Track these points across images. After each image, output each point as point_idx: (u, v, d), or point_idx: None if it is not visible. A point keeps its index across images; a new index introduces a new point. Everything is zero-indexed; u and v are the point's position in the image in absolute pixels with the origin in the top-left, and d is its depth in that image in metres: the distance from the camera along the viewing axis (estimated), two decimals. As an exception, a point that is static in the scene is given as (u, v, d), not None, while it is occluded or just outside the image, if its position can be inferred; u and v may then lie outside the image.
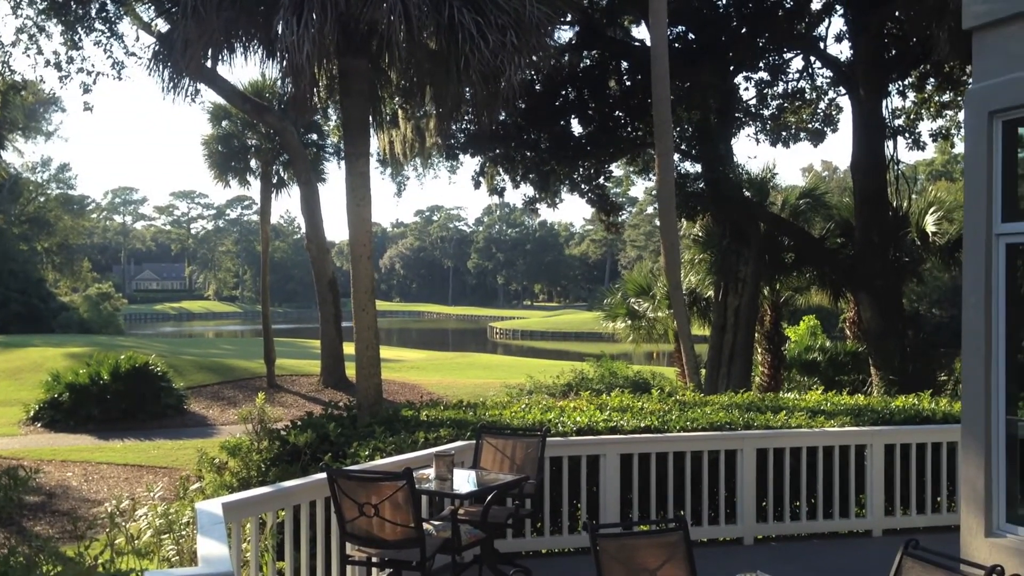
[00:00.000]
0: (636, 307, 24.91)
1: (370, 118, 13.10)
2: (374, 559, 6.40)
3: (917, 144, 23.50)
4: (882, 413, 10.31)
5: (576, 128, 22.02)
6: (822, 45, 22.32)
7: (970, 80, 7.01)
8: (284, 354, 33.09)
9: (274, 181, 28.42)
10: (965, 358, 7.04)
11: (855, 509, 9.42)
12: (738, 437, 9.11)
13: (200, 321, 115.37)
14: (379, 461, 7.64)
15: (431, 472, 6.92)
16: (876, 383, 19.61)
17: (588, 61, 22.08)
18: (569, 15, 19.07)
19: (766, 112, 23.81)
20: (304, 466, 8.37)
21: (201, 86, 19.84)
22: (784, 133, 24.67)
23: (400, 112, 17.74)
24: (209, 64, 13.09)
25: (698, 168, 21.28)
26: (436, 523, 6.86)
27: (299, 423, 9.52)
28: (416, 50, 11.18)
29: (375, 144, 19.78)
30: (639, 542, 5.30)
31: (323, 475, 6.36)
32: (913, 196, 22.68)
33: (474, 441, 8.09)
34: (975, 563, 4.47)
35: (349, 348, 13.23)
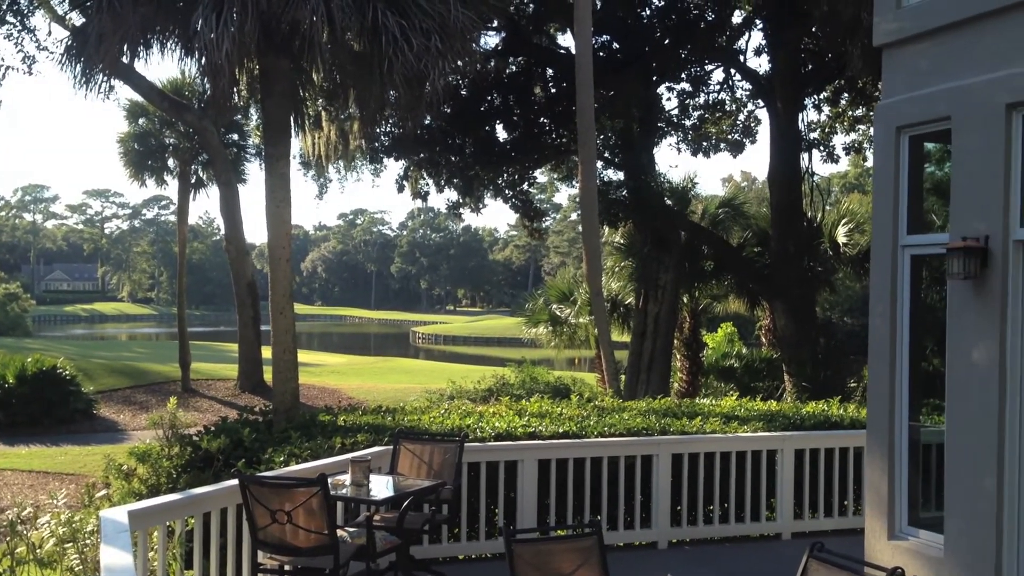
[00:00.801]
0: (558, 313, 25.05)
1: (292, 119, 12.91)
2: (286, 567, 6.30)
3: (831, 157, 24.18)
4: (793, 419, 10.55)
5: (501, 134, 22.10)
6: (742, 58, 22.76)
7: (881, 95, 7.23)
8: (201, 358, 32.41)
9: (192, 181, 27.86)
10: (871, 365, 7.26)
11: (766, 513, 9.61)
12: (654, 443, 9.22)
13: (113, 323, 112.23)
14: (294, 467, 7.53)
15: (347, 478, 6.84)
16: (789, 389, 20.08)
17: (514, 67, 22.17)
18: (495, 21, 19.11)
19: (688, 122, 24.21)
20: (217, 473, 8.20)
21: (117, 83, 19.36)
22: (705, 143, 25.12)
23: (324, 114, 17.50)
24: (126, 60, 12.76)
25: (621, 176, 21.53)
26: (351, 530, 6.79)
27: (212, 428, 9.33)
28: (340, 51, 11.07)
29: (297, 145, 19.50)
30: (554, 547, 5.33)
31: (235, 482, 6.25)
32: (827, 208, 23.33)
33: (391, 447, 8.03)
34: (878, 565, 4.60)
35: (268, 352, 13.03)
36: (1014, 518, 6.09)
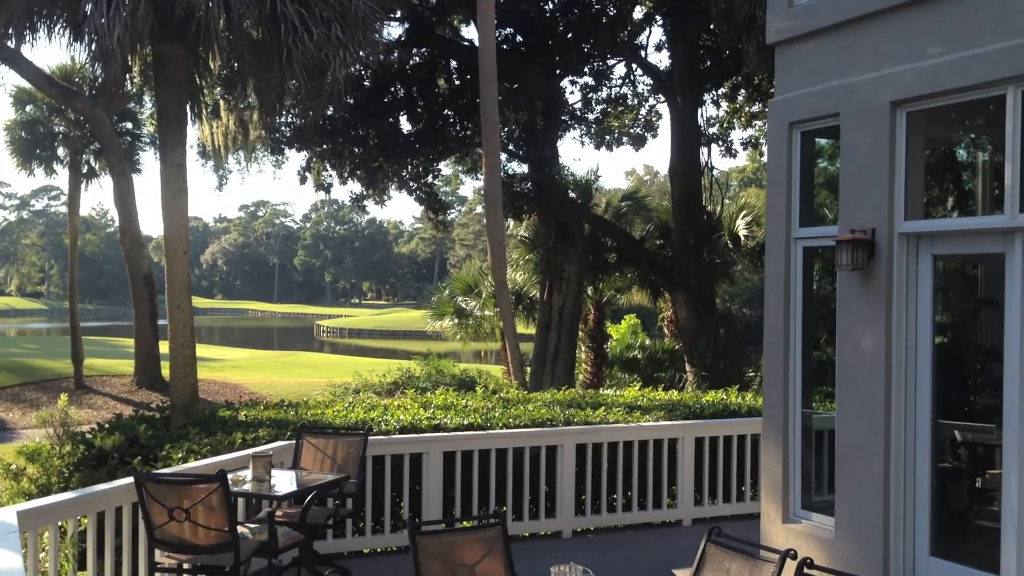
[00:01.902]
0: (463, 305, 25.07)
1: (188, 107, 12.60)
2: (185, 565, 6.16)
3: (730, 152, 24.77)
4: (693, 408, 10.78)
5: (405, 125, 21.95)
6: (643, 53, 23.10)
7: (774, 92, 7.44)
8: (95, 353, 31.39)
9: (84, 171, 26.94)
10: (766, 354, 7.47)
11: (667, 500, 9.81)
12: (559, 433, 9.31)
13: (0, 319, 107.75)
14: (193, 463, 7.36)
15: (248, 474, 6.73)
16: (691, 379, 20.51)
17: (418, 59, 22.04)
18: (398, 11, 18.97)
19: (591, 116, 24.48)
20: (111, 471, 7.95)
21: (3, 68, 18.56)
22: (608, 137, 25.45)
23: (222, 103, 17.12)
24: (12, 44, 12.25)
25: (525, 168, 21.65)
26: (252, 526, 6.67)
27: (107, 425, 9.04)
28: (238, 39, 10.83)
29: (195, 135, 19.04)
30: (457, 538, 5.34)
31: (130, 479, 6.07)
32: (726, 201, 23.89)
33: (294, 441, 7.93)
34: (772, 548, 4.74)
35: (166, 347, 12.69)
36: (900, 499, 6.36)
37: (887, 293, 6.33)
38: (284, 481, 6.86)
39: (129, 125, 27.53)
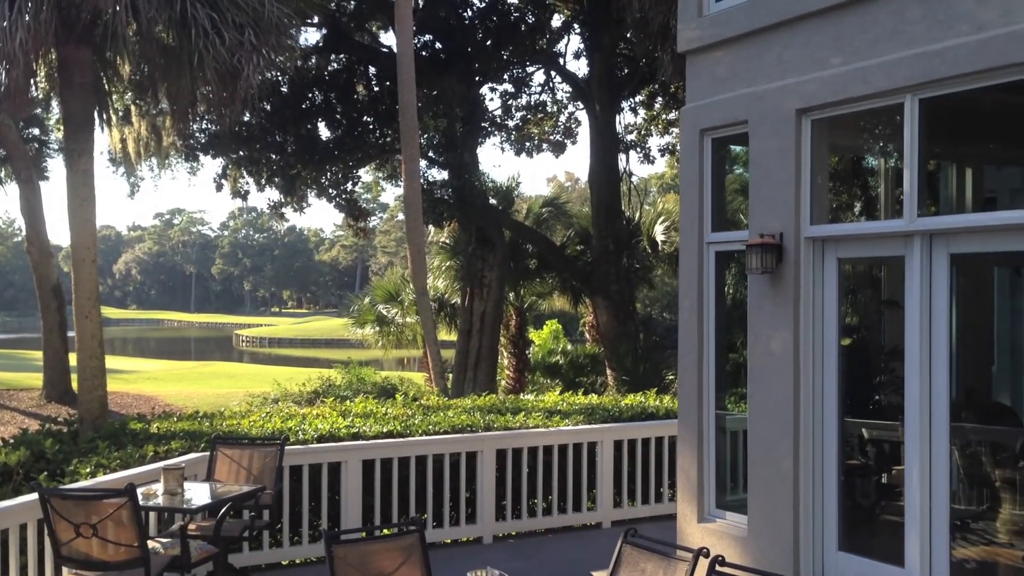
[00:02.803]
0: (385, 313, 24.94)
1: (96, 113, 12.28)
2: (94, 583, 5.99)
3: (648, 158, 25.15)
4: (612, 411, 10.90)
5: (324, 132, 21.77)
6: (562, 61, 23.37)
7: (686, 99, 7.59)
8: (1, 367, 30.30)
9: (-11, 179, 26.01)
10: (680, 356, 7.61)
11: (587, 504, 9.89)
12: (478, 439, 9.32)
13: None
14: (102, 478, 7.17)
15: (159, 487, 6.58)
16: (611, 383, 20.74)
17: (336, 65, 21.87)
18: (315, 17, 18.80)
19: (510, 123, 24.59)
20: (16, 487, 7.68)
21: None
22: (528, 144, 25.61)
23: (134, 108, 16.74)
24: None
25: (445, 175, 21.65)
26: (164, 540, 6.53)
27: (11, 440, 8.74)
28: (148, 43, 10.59)
29: (106, 142, 18.55)
30: (375, 547, 5.32)
31: (34, 495, 5.88)
32: (646, 207, 24.26)
33: (208, 453, 7.78)
34: (686, 547, 4.83)
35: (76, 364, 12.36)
36: (809, 497, 6.53)
37: (795, 295, 6.50)
38: (197, 494, 6.72)
39: (36, 131, 26.69)
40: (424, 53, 20.61)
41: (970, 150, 7.93)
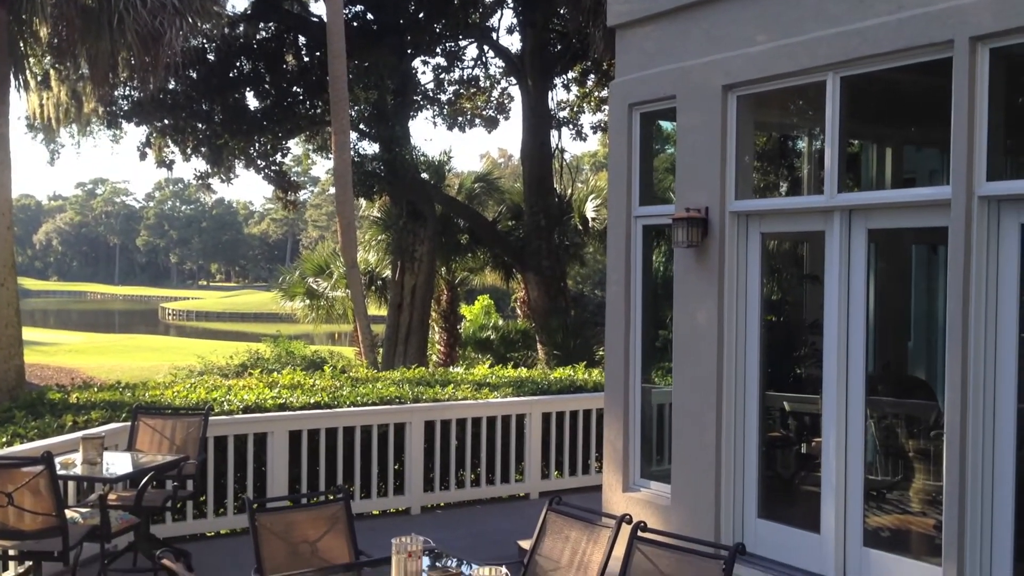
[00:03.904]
0: (315, 286, 24.70)
1: (12, 75, 11.84)
2: (11, 552, 5.87)
3: (580, 135, 25.32)
4: (541, 384, 11.00)
5: (252, 102, 21.33)
6: (495, 35, 23.25)
7: (615, 74, 7.63)
8: (-87, 339, 29.24)
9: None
10: (608, 329, 7.70)
11: (515, 476, 9.99)
12: (407, 410, 9.33)
13: None
14: (18, 447, 7.00)
15: (78, 457, 6.45)
16: (541, 358, 20.89)
17: (265, 33, 21.44)
18: (244, -17, 18.40)
19: (443, 97, 24.44)
20: (-72, 459, 7.46)
21: None
22: (460, 118, 25.48)
23: (53, 72, 16.18)
24: None
25: (376, 148, 21.45)
26: (83, 510, 6.41)
27: (-78, 411, 8.49)
28: (66, 4, 10.26)
29: (24, 107, 17.96)
30: (300, 516, 5.30)
31: (-54, 464, 5.73)
32: (578, 185, 24.37)
33: (129, 423, 7.65)
34: (610, 514, 4.91)
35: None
36: (730, 467, 6.68)
37: (719, 269, 6.62)
38: (118, 463, 6.62)
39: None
40: (355, 24, 20.33)
41: (891, 131, 8.13)
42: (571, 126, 25.05)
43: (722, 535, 6.61)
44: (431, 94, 24.14)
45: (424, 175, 21.57)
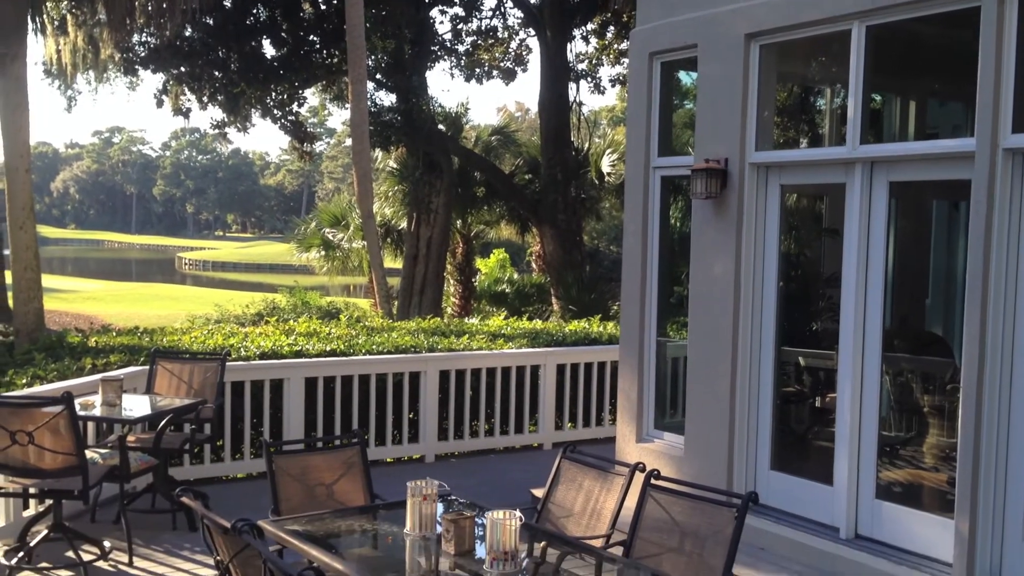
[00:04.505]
0: (331, 237, 24.72)
1: (31, 19, 11.81)
2: (32, 490, 5.96)
3: (598, 88, 24.99)
4: (556, 336, 11.01)
5: (269, 50, 21.18)
6: (514, -15, 22.95)
7: (637, 22, 7.53)
8: (-67, 284, 29.49)
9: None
10: (624, 280, 7.68)
11: (529, 427, 10.04)
12: (422, 360, 9.37)
13: None
14: (38, 388, 7.08)
15: (97, 399, 6.52)
16: (556, 311, 20.91)
17: (282, -21, 21.23)
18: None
19: (460, 47, 24.20)
20: (-51, 398, 7.56)
21: None
22: (478, 70, 25.23)
23: (69, 17, 16.12)
24: None
25: (393, 99, 21.32)
26: (103, 451, 6.49)
27: (-57, 352, 8.59)
28: (84, -54, 10.19)
29: (42, 52, 17.88)
30: (316, 459, 5.34)
31: (-32, 403, 5.79)
32: (596, 140, 24.19)
33: (148, 367, 7.71)
34: (623, 462, 4.94)
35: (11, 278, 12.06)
36: (744, 419, 6.70)
37: (738, 221, 6.58)
38: (137, 406, 6.69)
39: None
40: (373, -29, 20.09)
41: (914, 84, 8.01)
42: (589, 79, 24.77)
43: (735, 486, 6.65)
44: (448, 44, 23.89)
45: (441, 127, 21.44)
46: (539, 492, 6.47)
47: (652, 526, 4.50)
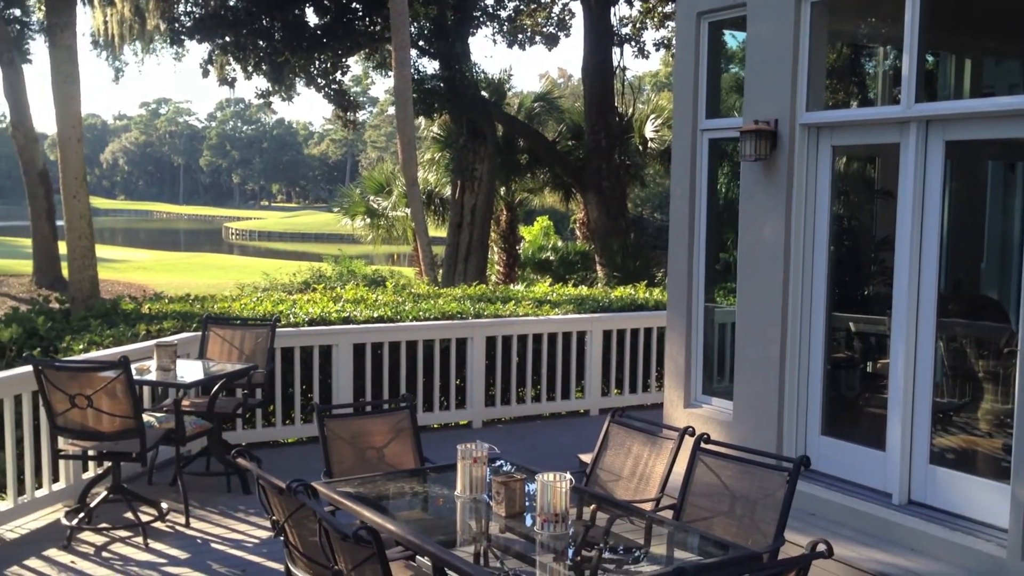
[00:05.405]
0: (375, 205, 24.82)
1: (79, -10, 11.93)
2: (90, 452, 6.11)
3: (642, 53, 24.82)
4: (602, 302, 10.99)
5: (312, 18, 21.24)
6: (558, -52, 22.72)
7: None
8: (-11, 254, 30.21)
9: (-30, 61, 25.40)
10: (671, 243, 7.62)
11: (576, 393, 10.05)
12: (468, 326, 9.40)
13: None
14: (95, 353, 7.23)
15: (152, 364, 6.64)
16: (601, 278, 20.83)
17: (324, -53, 21.21)
18: None
19: (503, 13, 24.04)
20: (10, 363, 7.75)
21: None
22: (520, 35, 25.07)
23: (116, -12, 16.28)
24: None
25: (436, 66, 21.26)
26: (159, 415, 6.62)
27: (3, 318, 8.77)
28: (130, -84, 10.25)
29: (90, 23, 18.12)
30: (366, 423, 5.40)
31: (28, 367, 5.93)
32: (640, 105, 23.94)
33: (200, 333, 7.83)
34: (672, 426, 4.92)
35: (66, 247, 12.29)
36: (794, 382, 6.63)
37: (788, 183, 6.47)
38: (190, 370, 6.80)
39: (17, 12, 25.97)
40: (415, -64, 19.99)
41: (970, 42, 7.81)
42: (633, 43, 24.49)
43: (784, 451, 6.60)
44: (491, 10, 23.76)
45: (484, 93, 21.35)
46: (586, 457, 6.49)
47: (702, 490, 4.49)
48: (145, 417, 6.11)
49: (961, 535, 5.47)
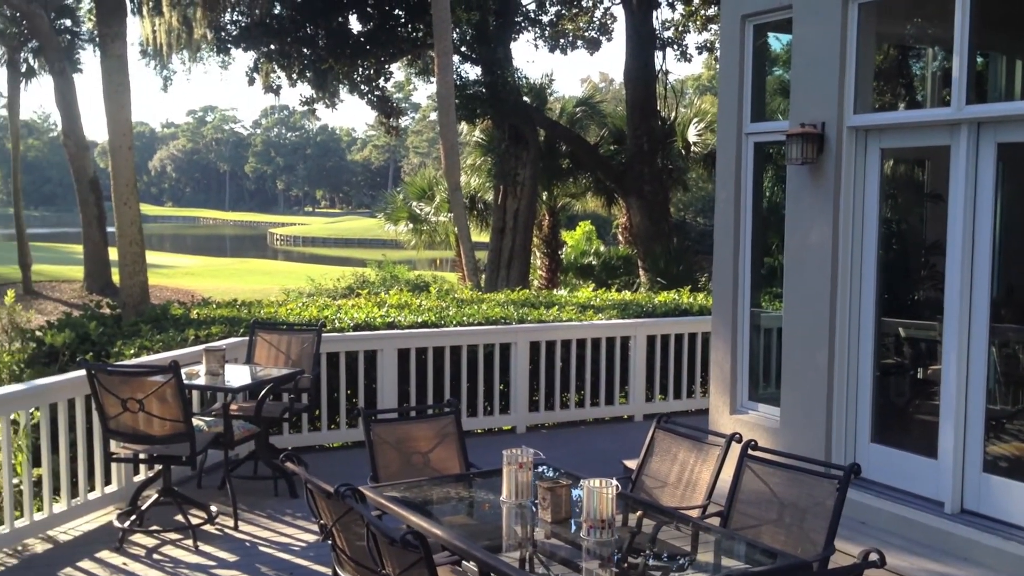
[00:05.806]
0: (418, 211, 24.94)
1: (128, 0, 12.14)
2: (141, 455, 6.20)
3: (685, 56, 24.66)
4: (646, 307, 10.93)
5: (355, 25, 21.43)
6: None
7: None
8: (43, 260, 30.86)
9: (23, 70, 26.00)
10: (716, 247, 7.56)
11: (619, 398, 10.01)
12: (512, 331, 9.40)
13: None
14: (146, 358, 7.34)
15: (201, 368, 6.73)
16: (644, 283, 20.74)
17: (367, -45, 21.39)
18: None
19: (544, 18, 24.06)
20: (63, 368, 7.90)
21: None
22: (562, 40, 25.08)
23: (164, -1, 16.55)
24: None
25: (478, 71, 21.33)
26: (207, 419, 6.70)
27: (56, 323, 8.95)
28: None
29: (138, 33, 18.48)
30: (411, 428, 5.42)
31: (82, 372, 6.04)
32: (682, 109, 23.81)
33: (248, 338, 7.92)
34: (719, 433, 4.88)
35: (116, 253, 12.52)
36: (843, 389, 6.55)
37: (835, 187, 6.40)
38: (238, 375, 6.88)
39: (68, 22, 26.54)
40: (458, -57, 20.07)
41: (1022, 42, 7.65)
42: (675, 47, 24.39)
43: (833, 458, 6.51)
44: (532, 15, 23.79)
45: (526, 98, 21.38)
46: (631, 463, 6.46)
47: (749, 498, 4.44)
48: (194, 421, 6.19)
49: (1015, 545, 5.36)
